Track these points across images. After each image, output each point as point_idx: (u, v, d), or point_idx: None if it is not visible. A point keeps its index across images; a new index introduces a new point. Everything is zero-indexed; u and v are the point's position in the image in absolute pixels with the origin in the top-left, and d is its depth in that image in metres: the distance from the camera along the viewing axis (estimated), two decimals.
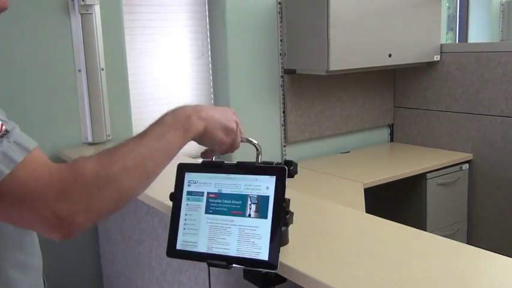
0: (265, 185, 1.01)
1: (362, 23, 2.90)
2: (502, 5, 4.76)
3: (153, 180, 0.90)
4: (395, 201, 3.22)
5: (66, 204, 0.75)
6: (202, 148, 1.09)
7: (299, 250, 1.16)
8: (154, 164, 0.89)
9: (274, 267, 0.98)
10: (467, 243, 1.18)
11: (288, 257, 1.12)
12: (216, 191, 1.05)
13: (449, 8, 4.66)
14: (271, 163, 1.03)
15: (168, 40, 2.81)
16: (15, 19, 2.28)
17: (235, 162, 1.07)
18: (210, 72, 2.99)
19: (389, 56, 3.04)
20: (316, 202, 1.55)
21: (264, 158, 1.17)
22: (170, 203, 1.55)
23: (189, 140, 0.95)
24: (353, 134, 3.53)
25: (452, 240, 1.19)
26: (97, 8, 2.44)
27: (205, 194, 1.06)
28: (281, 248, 1.16)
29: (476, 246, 1.15)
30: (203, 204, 1.06)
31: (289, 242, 1.18)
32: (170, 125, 0.92)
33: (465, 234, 3.31)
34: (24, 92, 2.35)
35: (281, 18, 3.03)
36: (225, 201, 1.03)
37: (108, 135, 2.56)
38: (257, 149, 1.08)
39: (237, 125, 1.05)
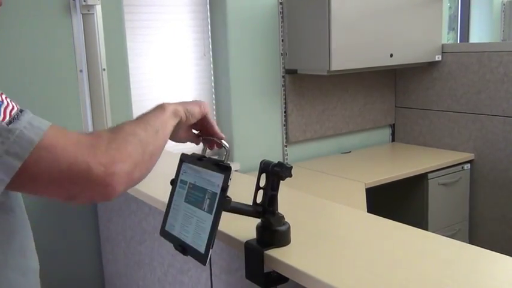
0: (217, 183, 1.05)
1: (363, 23, 2.90)
2: (504, 4, 4.75)
3: (161, 147, 0.94)
4: (396, 201, 3.22)
5: (103, 153, 0.78)
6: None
7: (301, 250, 1.16)
8: (155, 122, 0.94)
9: (204, 262, 1.03)
10: (469, 243, 1.18)
11: (290, 256, 1.12)
12: (193, 182, 1.12)
13: (450, 7, 4.66)
14: (224, 162, 1.07)
15: (169, 40, 2.81)
16: (17, 20, 2.28)
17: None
18: (212, 72, 2.99)
19: (391, 56, 3.04)
20: (317, 202, 1.55)
21: (266, 158, 1.18)
22: None
23: (174, 116, 1.01)
24: (354, 134, 3.52)
25: (454, 240, 1.19)
26: (98, 8, 2.45)
27: (187, 184, 1.14)
28: (283, 248, 1.16)
29: (477, 247, 1.15)
30: (185, 192, 1.14)
31: (291, 242, 1.18)
32: (152, 115, 0.98)
33: (466, 234, 3.31)
34: (26, 93, 2.35)
35: (282, 18, 3.03)
36: (195, 193, 1.11)
37: None
38: (226, 150, 1.12)
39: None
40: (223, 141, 1.14)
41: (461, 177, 3.22)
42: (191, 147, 1.40)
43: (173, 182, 1.18)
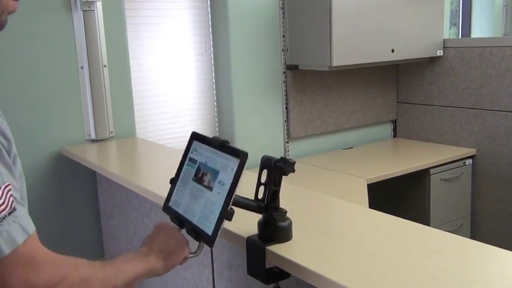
0: (231, 167, 1.06)
1: (365, 18, 2.89)
2: None
3: None
4: (398, 196, 3.22)
5: None
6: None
7: (302, 245, 1.16)
8: (122, 282, 0.98)
9: (211, 244, 1.05)
10: (471, 239, 1.17)
11: (292, 252, 1.12)
12: (204, 162, 1.13)
13: (452, 3, 4.65)
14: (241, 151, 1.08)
15: (170, 37, 2.80)
16: (17, 17, 2.27)
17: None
18: (213, 68, 2.98)
19: (392, 51, 3.03)
20: (319, 198, 1.55)
21: (267, 154, 1.18)
22: None
23: (150, 275, 1.06)
24: (356, 130, 3.52)
25: (456, 235, 1.19)
26: (99, 5, 2.44)
27: (197, 163, 1.15)
28: (285, 244, 1.16)
29: (479, 242, 1.15)
30: (194, 171, 1.15)
31: (293, 238, 1.18)
32: (129, 259, 1.04)
33: (469, 229, 3.31)
34: (27, 90, 2.35)
35: (283, 13, 3.03)
36: (206, 173, 1.11)
37: (111, 132, 2.57)
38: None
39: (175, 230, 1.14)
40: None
41: (463, 172, 3.22)
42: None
43: (181, 160, 1.18)
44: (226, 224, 1.31)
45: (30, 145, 2.36)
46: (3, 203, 0.78)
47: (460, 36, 4.73)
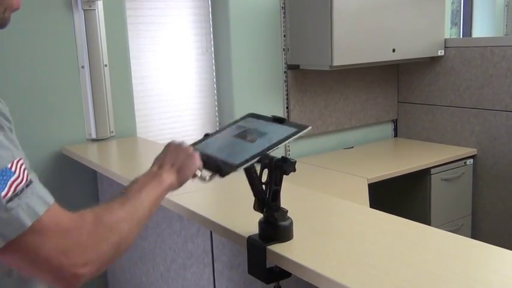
0: (285, 133, 1.13)
1: (366, 18, 2.89)
2: None
3: (142, 227, 0.98)
4: (399, 196, 3.22)
5: (78, 257, 0.81)
6: None
7: (303, 245, 1.15)
8: (143, 212, 0.97)
9: (227, 171, 1.07)
10: (472, 239, 1.17)
11: (293, 251, 1.12)
12: (253, 128, 1.20)
13: (453, 2, 4.64)
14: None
15: (171, 36, 2.80)
16: (18, 16, 2.27)
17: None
18: (214, 68, 2.98)
19: (393, 51, 3.03)
20: (320, 197, 1.54)
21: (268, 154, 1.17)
22: (173, 199, 1.56)
23: (168, 191, 1.06)
24: (357, 130, 3.52)
25: (457, 235, 1.18)
26: (100, 4, 2.44)
27: (245, 127, 1.22)
28: (286, 243, 1.16)
29: (480, 241, 1.15)
30: (238, 131, 1.21)
31: (294, 237, 1.18)
32: (144, 183, 1.03)
33: (469, 229, 3.30)
34: (28, 89, 2.35)
35: (284, 13, 3.02)
36: (252, 133, 1.17)
37: (112, 132, 2.57)
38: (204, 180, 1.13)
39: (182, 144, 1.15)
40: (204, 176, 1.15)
41: (464, 172, 3.21)
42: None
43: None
44: (227, 224, 1.31)
45: (30, 144, 2.36)
46: (18, 177, 0.77)
47: (461, 36, 4.73)
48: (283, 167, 1.12)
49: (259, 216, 1.19)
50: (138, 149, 2.54)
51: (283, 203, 1.17)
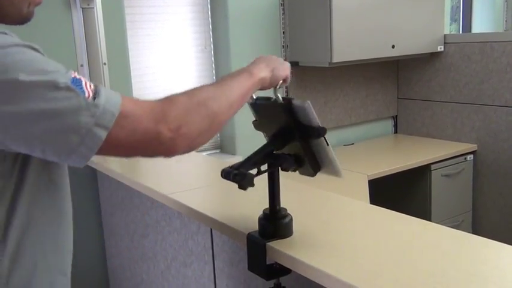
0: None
1: (365, 14, 2.88)
2: None
3: (234, 113, 1.01)
4: (399, 192, 3.21)
5: (172, 120, 0.87)
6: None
7: (303, 241, 1.15)
8: (234, 97, 1.00)
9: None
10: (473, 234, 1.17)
11: (293, 248, 1.12)
12: None
13: None
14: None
15: (170, 34, 2.80)
16: None
17: None
18: (213, 65, 2.98)
19: (393, 47, 3.02)
20: (320, 194, 1.54)
21: None
22: (173, 197, 1.56)
23: (259, 84, 1.10)
24: (357, 126, 3.51)
25: (458, 230, 1.18)
26: (98, 2, 2.43)
27: None
28: (286, 240, 1.16)
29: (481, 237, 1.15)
30: None
31: (293, 234, 1.18)
32: (238, 74, 1.07)
33: (470, 225, 3.30)
34: None
35: (283, 10, 3.02)
36: None
37: None
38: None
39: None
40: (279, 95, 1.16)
41: (464, 168, 3.21)
42: None
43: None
44: (226, 220, 1.31)
45: None
46: (86, 81, 0.82)
47: (460, 32, 4.72)
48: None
49: (259, 213, 1.19)
50: None
51: (283, 200, 1.17)
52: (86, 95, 0.80)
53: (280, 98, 1.13)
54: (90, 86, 0.81)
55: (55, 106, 0.77)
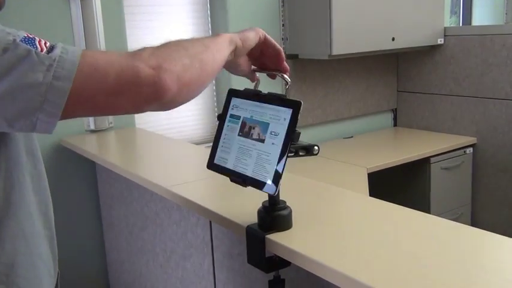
0: (283, 116, 1.07)
1: (365, 7, 2.87)
2: None
3: (217, 70, 0.95)
4: (399, 186, 3.22)
5: (149, 56, 0.80)
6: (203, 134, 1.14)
7: (303, 234, 1.15)
8: (212, 54, 0.93)
9: (274, 190, 1.05)
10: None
11: (292, 240, 1.12)
12: (248, 116, 1.14)
13: None
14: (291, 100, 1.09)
15: (169, 26, 2.79)
16: (14, 5, 2.26)
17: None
18: None
19: (393, 39, 3.01)
20: (319, 186, 1.54)
21: None
22: (172, 190, 1.56)
23: (231, 44, 1.01)
24: (356, 119, 3.51)
25: (457, 223, 1.18)
26: None
27: (241, 118, 1.15)
28: (285, 232, 1.16)
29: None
30: (238, 126, 1.15)
31: (293, 226, 1.18)
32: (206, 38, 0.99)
33: (469, 218, 3.31)
34: None
35: (283, 2, 3.00)
36: (253, 127, 1.12)
37: (111, 123, 2.56)
38: (286, 83, 1.14)
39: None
40: (284, 75, 1.14)
41: (464, 161, 3.21)
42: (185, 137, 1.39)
43: (220, 117, 1.19)
44: (225, 213, 1.31)
45: (28, 135, 2.35)
46: (41, 40, 0.77)
47: (460, 25, 4.70)
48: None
49: (259, 205, 1.18)
50: (137, 139, 2.53)
51: (283, 192, 1.16)
52: (39, 49, 0.75)
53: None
54: (45, 43, 0.77)
55: (7, 66, 0.73)
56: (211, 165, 1.18)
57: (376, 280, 0.94)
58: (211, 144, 1.20)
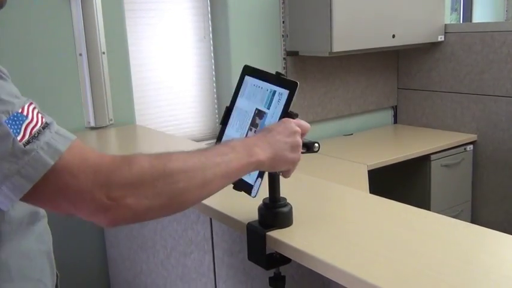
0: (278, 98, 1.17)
1: (365, 4, 2.87)
2: None
3: (207, 196, 0.87)
4: (399, 183, 3.22)
5: (117, 187, 0.75)
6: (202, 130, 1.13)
7: (303, 231, 1.15)
8: (213, 175, 0.86)
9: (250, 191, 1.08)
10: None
11: (292, 237, 1.12)
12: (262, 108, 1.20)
13: None
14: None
15: (169, 23, 2.78)
16: (15, 4, 2.25)
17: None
18: (212, 54, 2.96)
19: (393, 36, 3.01)
20: (319, 183, 1.54)
21: None
22: None
23: (253, 168, 0.95)
24: (356, 116, 3.51)
25: (457, 220, 1.18)
26: None
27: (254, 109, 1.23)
28: (286, 229, 1.16)
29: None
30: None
31: (293, 223, 1.18)
32: (233, 147, 0.93)
33: (469, 215, 3.31)
34: (26, 77, 2.34)
35: None
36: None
37: (111, 120, 2.56)
38: (314, 151, 1.18)
39: (300, 133, 1.08)
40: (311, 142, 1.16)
41: (464, 158, 3.21)
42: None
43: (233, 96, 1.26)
44: (226, 210, 1.31)
45: None
46: (32, 120, 0.74)
47: (461, 21, 4.70)
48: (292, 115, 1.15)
49: (259, 202, 1.18)
50: (137, 137, 2.53)
51: (283, 189, 1.17)
52: (19, 137, 0.71)
53: None
54: (33, 127, 0.73)
55: None
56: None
57: (376, 276, 0.94)
58: (212, 142, 1.21)
